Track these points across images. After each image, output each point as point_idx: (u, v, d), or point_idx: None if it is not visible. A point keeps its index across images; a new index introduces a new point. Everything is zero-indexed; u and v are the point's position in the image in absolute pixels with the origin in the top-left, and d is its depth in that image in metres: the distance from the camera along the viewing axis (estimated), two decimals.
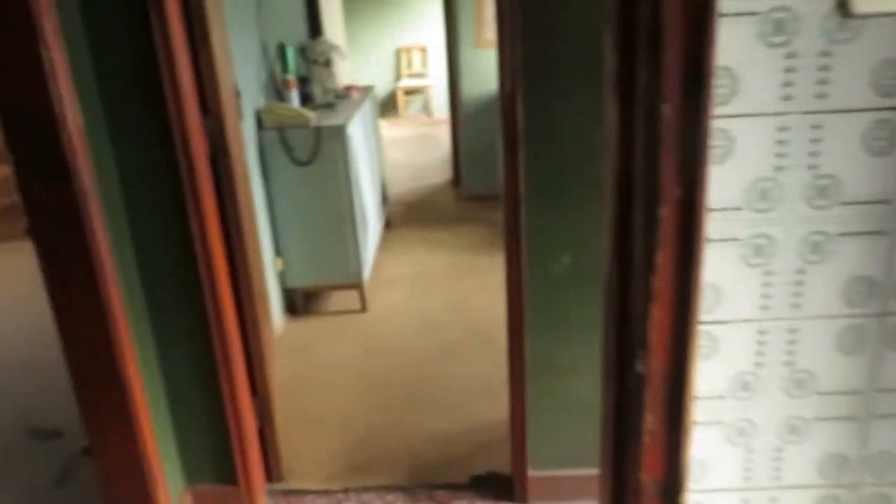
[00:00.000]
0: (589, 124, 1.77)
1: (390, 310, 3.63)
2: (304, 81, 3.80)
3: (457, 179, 5.68)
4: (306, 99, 3.74)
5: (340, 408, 2.79)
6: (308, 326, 3.51)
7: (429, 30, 8.52)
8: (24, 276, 3.61)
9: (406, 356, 3.16)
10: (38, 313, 2.88)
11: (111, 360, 1.84)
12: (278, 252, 3.46)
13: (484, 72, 4.92)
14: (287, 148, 3.28)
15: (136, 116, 1.80)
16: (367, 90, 4.38)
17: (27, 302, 3.57)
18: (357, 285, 3.56)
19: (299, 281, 3.54)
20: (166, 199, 1.88)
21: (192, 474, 2.15)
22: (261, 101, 3.34)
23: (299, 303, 3.61)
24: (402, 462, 2.43)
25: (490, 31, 4.81)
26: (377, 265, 4.05)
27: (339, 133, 3.29)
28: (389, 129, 7.99)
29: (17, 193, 1.78)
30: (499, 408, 2.57)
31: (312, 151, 3.29)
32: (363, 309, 3.61)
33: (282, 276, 3.51)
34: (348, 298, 3.67)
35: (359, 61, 8.32)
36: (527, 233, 1.94)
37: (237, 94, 2.59)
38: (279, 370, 2.87)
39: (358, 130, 3.63)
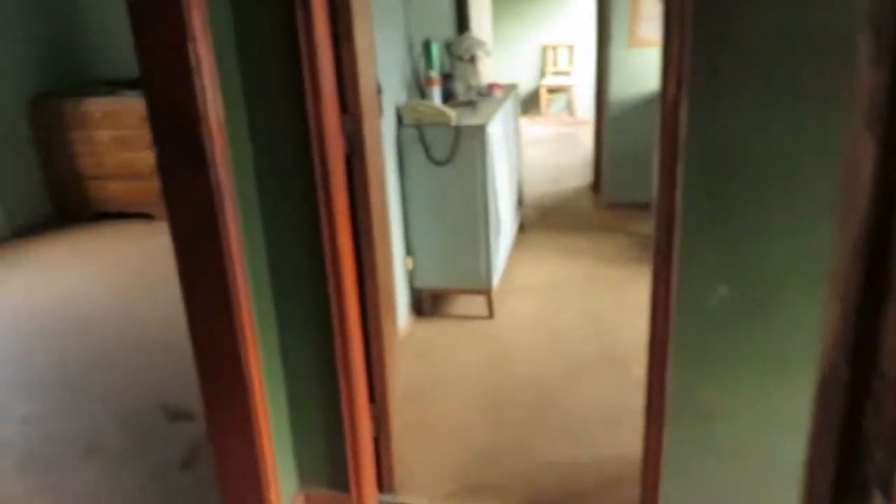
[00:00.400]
0: (769, 142, 1.53)
1: (518, 319, 3.48)
2: (447, 78, 3.72)
3: (597, 184, 5.42)
4: (448, 96, 3.66)
5: (457, 420, 2.68)
6: (433, 329, 3.43)
7: (577, 26, 8.24)
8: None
9: (530, 371, 3.00)
10: None
11: (234, 354, 1.83)
12: (409, 251, 3.41)
13: (636, 72, 4.63)
14: (425, 146, 3.21)
15: (275, 112, 1.77)
16: (509, 88, 4.24)
17: (177, 280, 3.75)
18: (485, 291, 3.44)
19: (428, 282, 3.47)
20: (299, 196, 1.84)
21: (305, 477, 2.12)
22: (402, 98, 3.29)
23: (426, 303, 3.54)
24: (518, 488, 2.29)
25: (646, 29, 4.52)
26: (508, 270, 3.91)
27: (479, 133, 3.18)
28: (530, 128, 7.81)
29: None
30: (628, 441, 2.35)
31: (451, 151, 3.20)
32: (490, 315, 3.48)
33: (411, 276, 3.45)
34: (475, 303, 3.56)
35: (503, 58, 8.19)
36: (679, 256, 1.72)
37: (379, 91, 2.54)
38: (399, 373, 2.81)
39: (498, 130, 3.50)
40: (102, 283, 4.14)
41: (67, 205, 5.28)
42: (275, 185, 1.84)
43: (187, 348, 1.85)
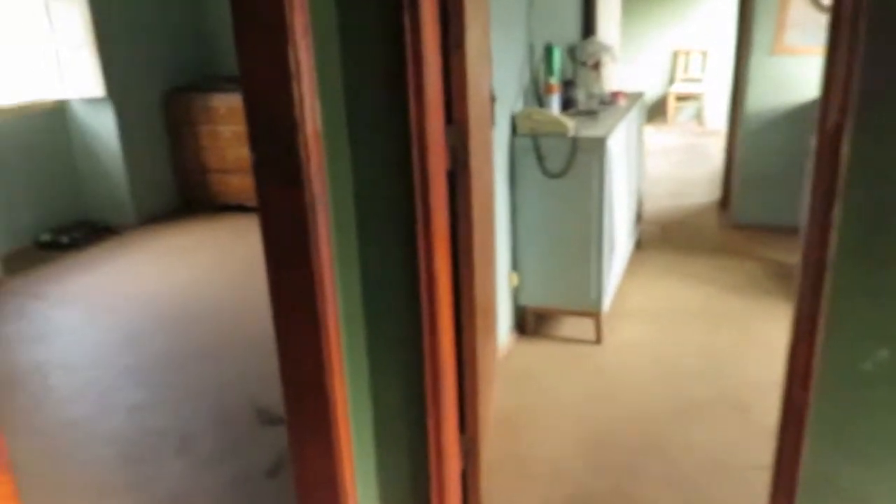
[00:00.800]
0: None
1: (627, 347, 3.23)
2: (568, 85, 3.52)
3: (725, 202, 5.01)
4: (568, 104, 3.45)
5: (552, 455, 2.49)
6: (535, 350, 3.24)
7: (712, 30, 7.73)
8: None
9: (637, 408, 2.75)
10: None
11: (319, 375, 1.74)
12: (515, 266, 3.24)
13: (778, 83, 4.22)
14: (539, 157, 3.03)
15: (376, 122, 1.66)
16: (635, 97, 3.97)
17: None
18: (594, 314, 3.21)
19: (533, 300, 3.29)
20: (397, 213, 1.72)
21: None
22: (518, 105, 3.13)
23: (530, 322, 3.36)
24: None
25: (793, 36, 4.10)
26: (620, 292, 3.66)
27: (599, 146, 2.96)
28: (654, 136, 7.41)
29: None
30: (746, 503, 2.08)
31: (566, 163, 3.00)
32: (597, 341, 3.25)
33: (515, 293, 3.29)
34: (582, 326, 3.33)
35: (629, 63, 7.82)
36: (830, 309, 1.45)
37: (492, 100, 2.39)
38: (494, 399, 2.65)
39: (619, 143, 3.26)
40: (216, 276, 4.25)
41: (192, 196, 5.51)
42: (372, 200, 1.73)
43: None
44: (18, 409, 2.91)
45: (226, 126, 5.18)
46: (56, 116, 5.01)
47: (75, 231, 4.92)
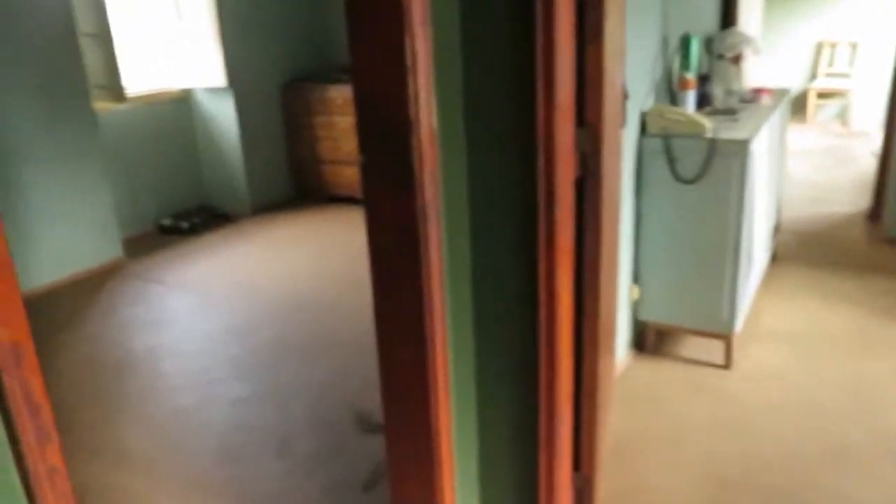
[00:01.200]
0: None
1: (761, 374, 2.89)
2: (704, 80, 3.19)
3: (875, 213, 4.47)
4: (703, 102, 3.13)
5: (671, 492, 2.23)
6: (654, 370, 2.97)
7: (865, 20, 6.99)
8: None
9: (773, 446, 2.44)
10: None
11: (422, 398, 1.59)
12: (636, 278, 2.98)
13: None
14: (670, 160, 2.75)
15: (497, 123, 1.48)
16: (780, 95, 3.57)
17: None
18: (724, 335, 2.89)
19: (654, 315, 3.01)
20: (516, 224, 1.54)
21: None
22: (648, 102, 2.85)
23: (649, 339, 3.08)
24: None
25: None
26: (753, 310, 3.30)
27: (741, 149, 2.64)
28: (791, 136, 6.78)
29: None
30: None
31: (701, 168, 2.70)
32: (726, 365, 2.93)
33: (635, 306, 3.02)
34: (709, 347, 3.02)
35: (767, 55, 7.21)
36: None
37: (624, 97, 2.15)
38: (610, 429, 2.42)
39: (763, 147, 2.91)
40: (322, 268, 4.24)
41: (305, 186, 5.55)
42: (488, 209, 1.55)
43: None
44: (132, 394, 2.97)
45: (341, 117, 5.17)
46: (181, 105, 5.18)
47: (195, 217, 5.07)
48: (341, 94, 5.11)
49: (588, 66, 1.48)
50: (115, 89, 4.45)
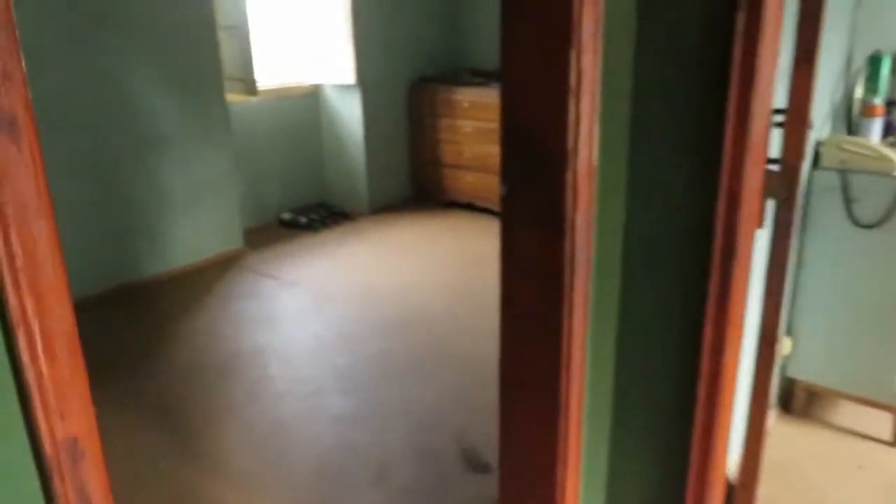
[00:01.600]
0: None
1: None
2: (890, 107, 2.75)
3: None
4: (889, 131, 2.69)
5: None
6: (802, 436, 2.58)
7: None
8: None
9: None
10: None
11: (549, 466, 1.36)
12: (789, 329, 2.60)
13: None
14: (847, 199, 2.36)
15: (670, 160, 1.22)
16: None
17: None
18: (893, 408, 2.47)
19: (807, 374, 2.62)
20: (679, 281, 1.28)
21: None
22: (825, 131, 2.47)
23: (798, 400, 2.69)
24: None
25: None
26: None
27: None
28: None
29: None
30: None
31: (886, 211, 2.30)
32: (895, 443, 2.50)
33: (784, 361, 2.64)
34: (872, 419, 2.59)
35: None
36: None
37: (808, 127, 1.82)
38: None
39: None
40: (437, 278, 4.07)
41: (424, 188, 5.43)
42: (647, 261, 1.29)
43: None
44: (236, 397, 2.91)
45: (466, 121, 5.00)
46: (310, 101, 5.18)
47: (314, 213, 5.06)
48: (468, 97, 4.94)
49: (794, 92, 1.20)
50: (248, 82, 4.49)
